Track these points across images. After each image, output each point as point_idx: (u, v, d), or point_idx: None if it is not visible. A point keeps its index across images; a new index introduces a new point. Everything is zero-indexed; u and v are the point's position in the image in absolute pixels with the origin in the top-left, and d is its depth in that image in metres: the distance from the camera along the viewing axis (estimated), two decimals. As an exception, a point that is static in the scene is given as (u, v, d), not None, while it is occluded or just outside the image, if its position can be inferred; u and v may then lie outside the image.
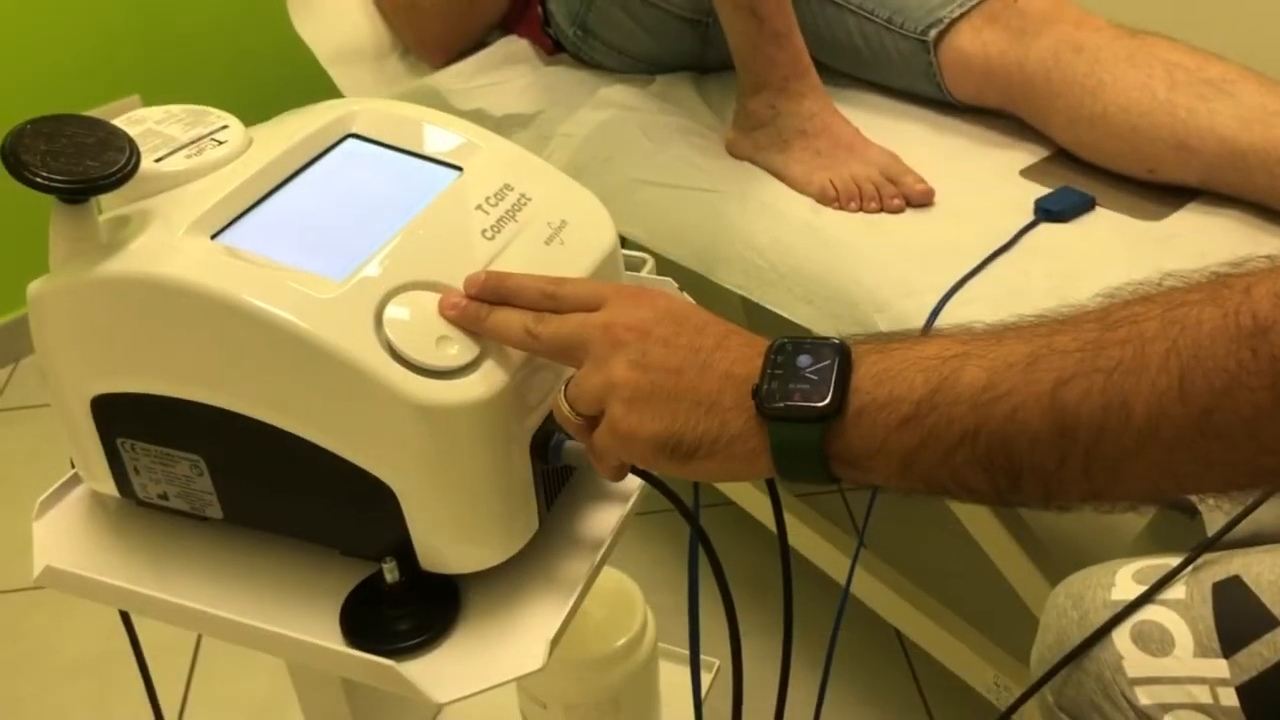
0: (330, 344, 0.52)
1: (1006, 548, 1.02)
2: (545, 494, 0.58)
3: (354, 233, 0.58)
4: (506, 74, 1.30)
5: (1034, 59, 1.06)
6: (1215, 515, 0.75)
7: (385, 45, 1.40)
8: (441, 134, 0.65)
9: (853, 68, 1.21)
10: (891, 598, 1.14)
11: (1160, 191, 1.02)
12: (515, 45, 1.33)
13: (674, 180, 1.11)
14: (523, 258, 0.59)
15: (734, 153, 1.14)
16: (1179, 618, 0.70)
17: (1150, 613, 0.71)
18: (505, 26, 1.36)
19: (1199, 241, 0.96)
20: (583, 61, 1.30)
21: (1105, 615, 0.72)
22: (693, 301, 0.78)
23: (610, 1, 1.22)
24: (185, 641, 1.30)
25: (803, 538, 1.22)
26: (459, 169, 0.63)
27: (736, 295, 1.05)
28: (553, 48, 1.32)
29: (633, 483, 0.62)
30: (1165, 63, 1.01)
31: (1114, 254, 0.96)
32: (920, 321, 0.91)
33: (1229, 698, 0.66)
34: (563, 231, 0.62)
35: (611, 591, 0.85)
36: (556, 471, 0.60)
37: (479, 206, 0.60)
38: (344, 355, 0.51)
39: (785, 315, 1.01)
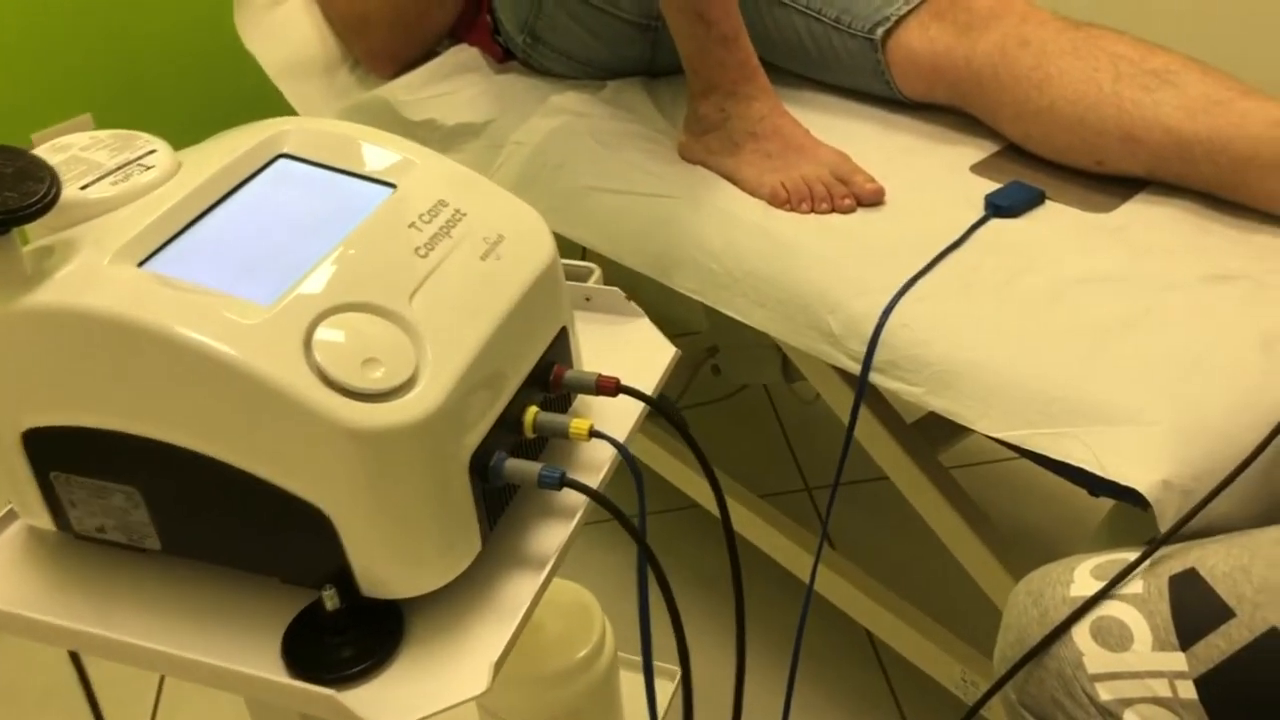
0: (257, 370, 0.51)
1: (969, 543, 1.02)
2: (487, 513, 0.58)
3: (284, 255, 0.57)
4: (457, 83, 1.29)
5: (981, 54, 1.06)
6: (1167, 508, 0.75)
7: (335, 58, 1.39)
8: (375, 151, 0.65)
9: (803, 68, 1.21)
10: (857, 596, 1.14)
11: (1109, 183, 1.02)
12: (465, 54, 1.32)
13: (626, 186, 1.11)
14: (457, 274, 0.58)
15: (686, 156, 1.13)
16: (1137, 612, 0.70)
17: (1109, 608, 0.71)
18: (455, 35, 1.35)
19: (1147, 231, 0.97)
20: (533, 69, 1.29)
21: (1065, 612, 0.72)
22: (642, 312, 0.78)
23: (558, 8, 1.21)
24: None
25: (767, 538, 1.22)
26: (392, 186, 0.62)
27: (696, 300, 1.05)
28: (503, 56, 1.31)
29: (578, 499, 0.61)
30: (1110, 54, 1.01)
31: (1064, 247, 0.96)
32: (872, 321, 0.91)
33: (1187, 690, 0.67)
34: (499, 246, 0.61)
35: (568, 604, 0.84)
36: (499, 490, 0.59)
37: (412, 224, 0.60)
38: (272, 381, 0.51)
39: (741, 319, 1.01)
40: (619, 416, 0.67)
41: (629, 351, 0.74)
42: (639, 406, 0.66)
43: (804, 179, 1.04)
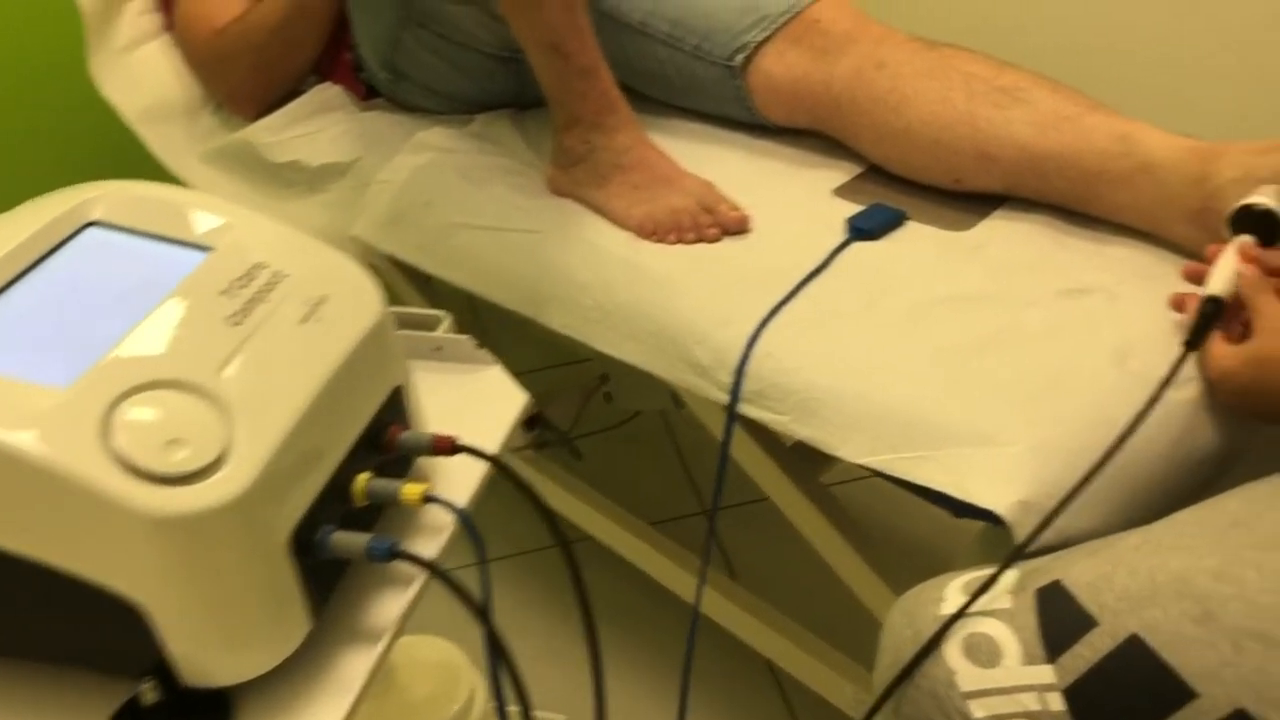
0: (50, 460, 0.48)
1: (851, 562, 1.02)
2: (317, 589, 0.56)
3: (86, 332, 0.54)
4: (321, 122, 1.26)
5: (838, 78, 1.07)
6: (1024, 527, 0.76)
7: (196, 101, 1.35)
8: (192, 215, 0.62)
9: (667, 95, 1.20)
10: (745, 619, 1.14)
11: (968, 201, 1.03)
12: (330, 92, 1.29)
13: (494, 222, 1.09)
14: (273, 341, 0.56)
15: (555, 189, 1.12)
16: (1006, 627, 0.71)
17: (980, 624, 0.71)
18: (320, 72, 1.32)
19: (1005, 247, 0.98)
20: (399, 104, 1.27)
21: (936, 630, 0.72)
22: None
23: (418, 44, 1.19)
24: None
25: (656, 565, 1.22)
26: (208, 250, 0.60)
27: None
28: (366, 93, 1.29)
29: (413, 572, 0.59)
30: (963, 74, 1.02)
31: (925, 267, 0.97)
32: (738, 351, 0.91)
33: (1056, 703, 0.67)
34: (322, 307, 0.59)
35: (435, 663, 0.82)
36: (329, 563, 0.57)
37: (224, 291, 0.57)
38: (66, 471, 0.48)
39: (613, 354, 1.00)
40: (466, 473, 0.65)
41: (480, 402, 0.72)
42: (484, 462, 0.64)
43: (670, 210, 1.04)
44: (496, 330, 1.06)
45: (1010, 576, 0.73)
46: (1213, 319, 0.81)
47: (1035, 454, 0.78)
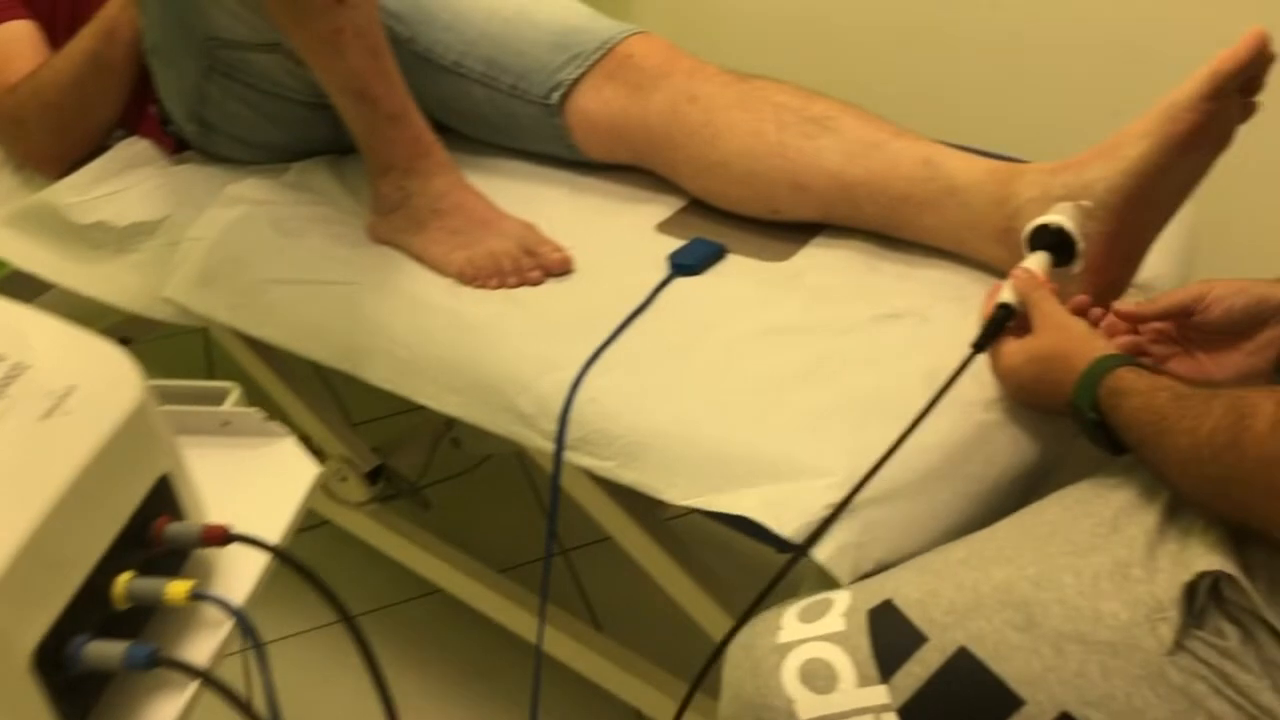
0: None
1: (698, 598, 1.01)
2: (71, 708, 0.51)
3: None
4: (129, 179, 1.20)
5: (654, 113, 1.07)
6: (841, 560, 0.76)
7: (-6, 161, 1.28)
8: (-75, 305, 0.58)
9: (488, 135, 1.18)
10: (602, 665, 1.12)
11: (787, 230, 1.04)
12: (137, 146, 1.23)
13: (309, 275, 1.05)
14: (8, 442, 0.52)
15: (375, 237, 1.09)
16: (840, 650, 0.71)
17: (816, 650, 0.71)
18: (126, 126, 1.26)
19: (822, 276, 0.99)
20: (212, 156, 1.22)
21: (774, 661, 0.72)
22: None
23: (225, 95, 1.15)
24: None
25: (505, 613, 1.19)
26: (-59, 345, 0.55)
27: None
28: (176, 146, 1.23)
29: (186, 681, 0.55)
30: (774, 105, 1.03)
31: (745, 300, 0.97)
32: (560, 398, 0.89)
33: None
34: (69, 399, 0.55)
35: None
36: (87, 677, 0.53)
37: (-46, 390, 0.53)
38: None
39: (434, 407, 0.97)
40: (251, 561, 0.61)
41: (269, 478, 0.69)
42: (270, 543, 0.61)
43: (490, 254, 1.02)
44: (341, 378, 1.02)
45: (845, 598, 0.73)
46: (1002, 324, 0.83)
47: (851, 484, 0.78)
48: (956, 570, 0.72)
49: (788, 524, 0.77)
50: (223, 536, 0.57)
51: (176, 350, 1.77)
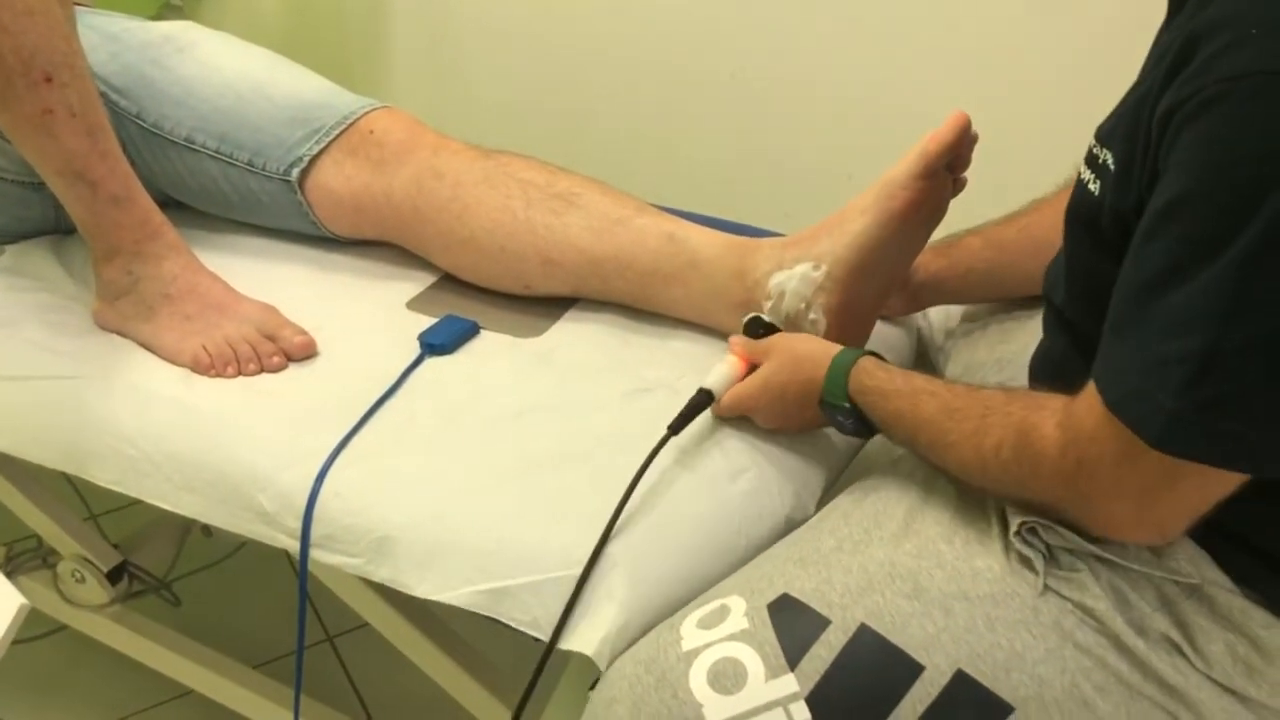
0: None
1: (462, 682, 0.97)
2: None
3: None
4: None
5: (399, 189, 1.05)
6: (604, 650, 0.75)
7: None
8: None
9: (227, 212, 1.13)
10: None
11: (540, 305, 1.04)
12: None
13: (26, 370, 0.97)
14: None
15: (102, 324, 1.01)
16: (747, 646, 0.72)
17: (724, 650, 0.72)
18: None
19: (574, 352, 0.99)
20: (-85, 241, 1.11)
21: (681, 668, 0.72)
22: None
23: (-75, 173, 1.05)
24: None
25: (260, 711, 1.13)
26: None
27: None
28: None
29: None
30: (520, 181, 1.03)
31: (498, 378, 0.96)
32: (303, 494, 0.85)
33: (801, 712, 0.70)
34: None
35: None
36: None
37: None
38: None
39: (169, 508, 0.91)
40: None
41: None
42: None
43: (227, 339, 0.97)
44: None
45: (740, 602, 0.75)
46: (701, 408, 0.88)
47: (612, 573, 0.78)
48: (837, 558, 0.75)
49: (540, 616, 0.76)
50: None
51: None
